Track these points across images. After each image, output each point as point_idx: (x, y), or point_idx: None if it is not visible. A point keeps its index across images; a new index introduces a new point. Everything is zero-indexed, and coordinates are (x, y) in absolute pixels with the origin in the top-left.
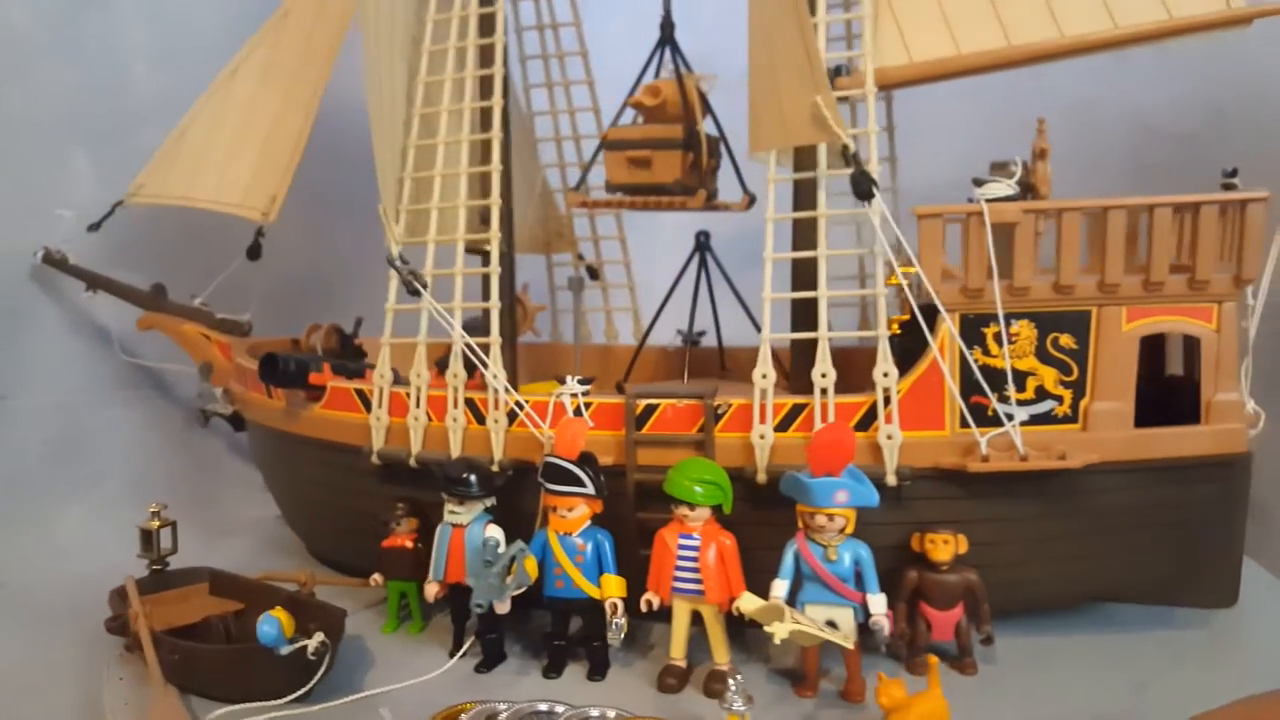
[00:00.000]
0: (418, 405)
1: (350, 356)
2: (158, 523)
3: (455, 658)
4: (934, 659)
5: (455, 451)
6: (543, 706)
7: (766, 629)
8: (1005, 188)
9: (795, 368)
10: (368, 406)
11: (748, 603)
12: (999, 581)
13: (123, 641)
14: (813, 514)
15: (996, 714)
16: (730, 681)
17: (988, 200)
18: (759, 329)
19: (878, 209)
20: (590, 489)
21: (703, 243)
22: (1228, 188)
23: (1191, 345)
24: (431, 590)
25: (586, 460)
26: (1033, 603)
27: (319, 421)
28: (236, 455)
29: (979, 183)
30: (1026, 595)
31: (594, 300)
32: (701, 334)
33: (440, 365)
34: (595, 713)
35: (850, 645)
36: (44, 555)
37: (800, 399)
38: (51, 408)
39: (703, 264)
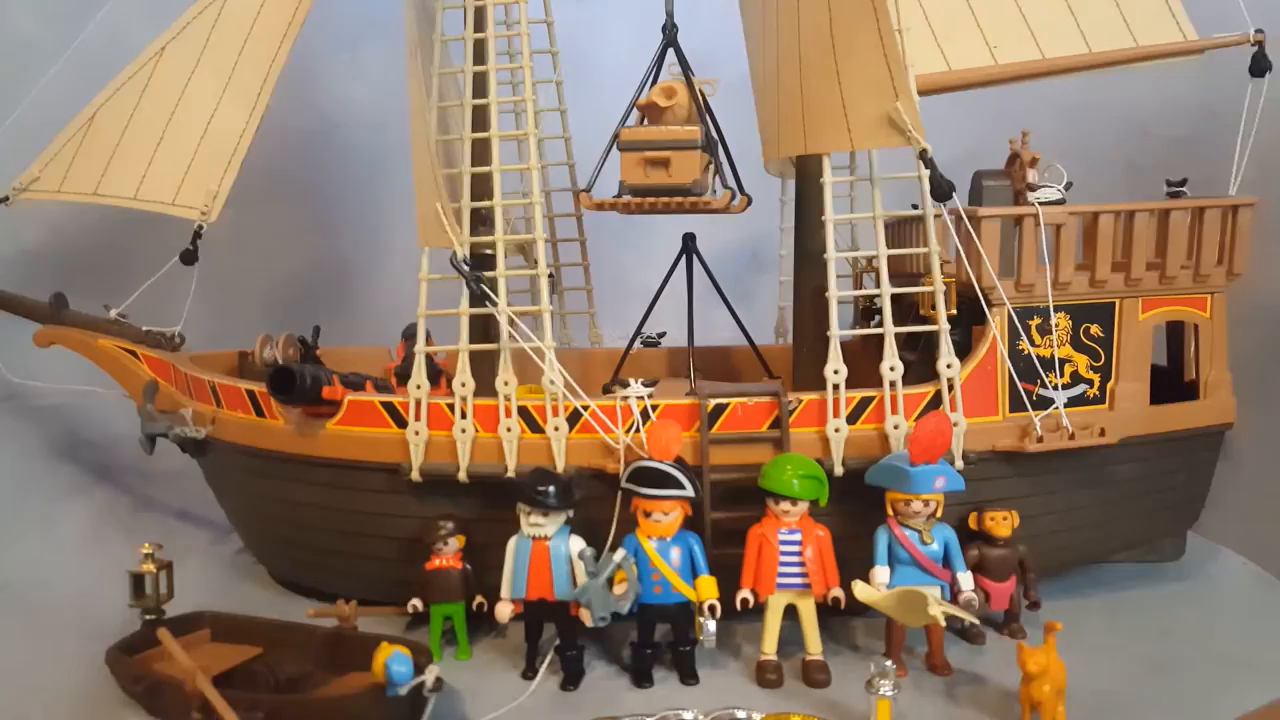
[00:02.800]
0: (464, 417)
1: None
2: (152, 566)
3: (537, 678)
4: (1059, 624)
5: (511, 462)
6: (687, 715)
7: (929, 614)
8: (1055, 193)
9: (800, 365)
10: (397, 420)
11: (866, 592)
12: (1035, 550)
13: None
14: (908, 501)
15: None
16: (873, 666)
17: (1041, 204)
18: (744, 329)
19: (930, 211)
20: (689, 491)
21: (689, 245)
22: (1174, 195)
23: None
24: (506, 610)
25: (679, 462)
26: (1056, 568)
27: (334, 440)
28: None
29: (1032, 188)
30: (1053, 561)
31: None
32: (663, 334)
33: (399, 374)
34: (741, 714)
35: (978, 621)
36: (47, 556)
37: (868, 391)
38: (54, 408)
39: (690, 266)
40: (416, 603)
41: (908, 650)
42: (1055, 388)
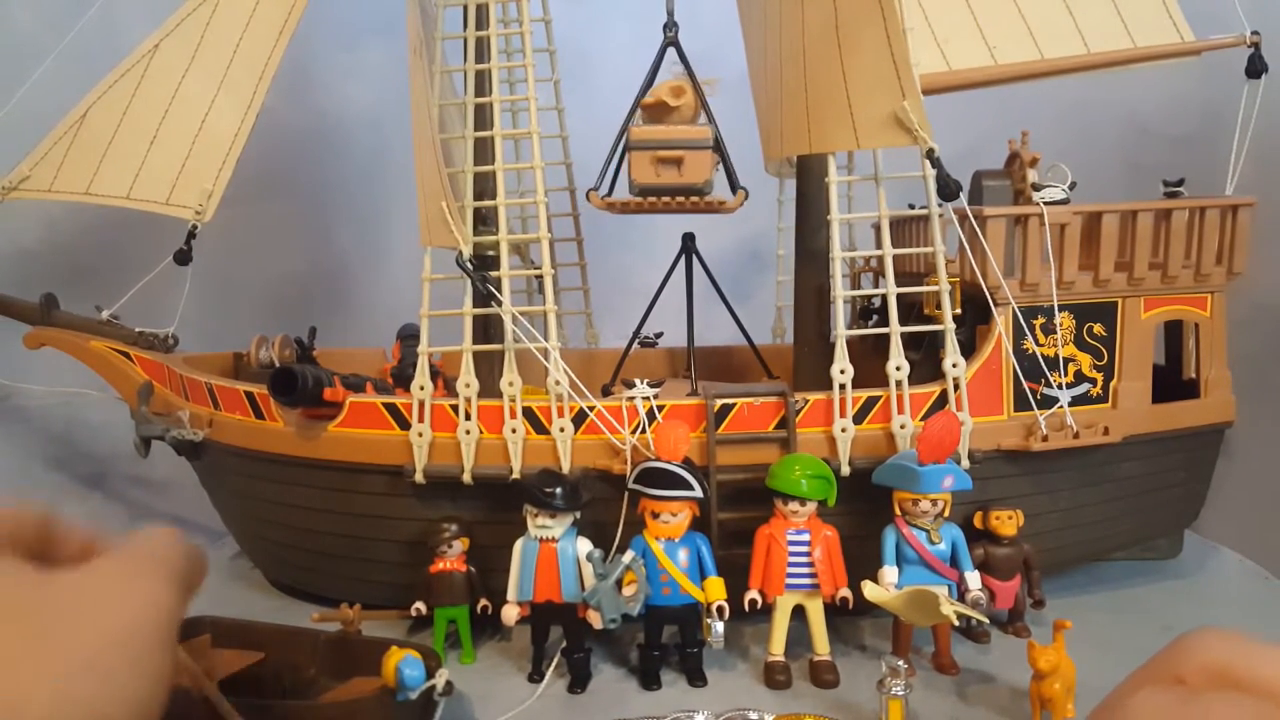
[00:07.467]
0: (468, 418)
1: None
2: None
3: (544, 681)
4: (1068, 623)
5: (517, 464)
6: (699, 717)
7: (941, 613)
8: (1060, 192)
9: (800, 365)
10: (399, 421)
11: (876, 592)
12: (1038, 549)
13: None
14: (916, 500)
15: None
16: (884, 665)
17: (1046, 203)
18: (743, 329)
19: (935, 211)
20: (698, 492)
21: (689, 245)
22: (1171, 195)
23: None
24: (513, 613)
25: (687, 463)
26: (1058, 566)
27: (335, 442)
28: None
29: (1037, 188)
30: (1055, 559)
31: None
32: (660, 335)
33: (395, 375)
34: (754, 715)
35: (988, 620)
36: None
37: (874, 391)
38: (53, 406)
39: (689, 266)
40: (420, 606)
41: (914, 650)
42: (1060, 386)
